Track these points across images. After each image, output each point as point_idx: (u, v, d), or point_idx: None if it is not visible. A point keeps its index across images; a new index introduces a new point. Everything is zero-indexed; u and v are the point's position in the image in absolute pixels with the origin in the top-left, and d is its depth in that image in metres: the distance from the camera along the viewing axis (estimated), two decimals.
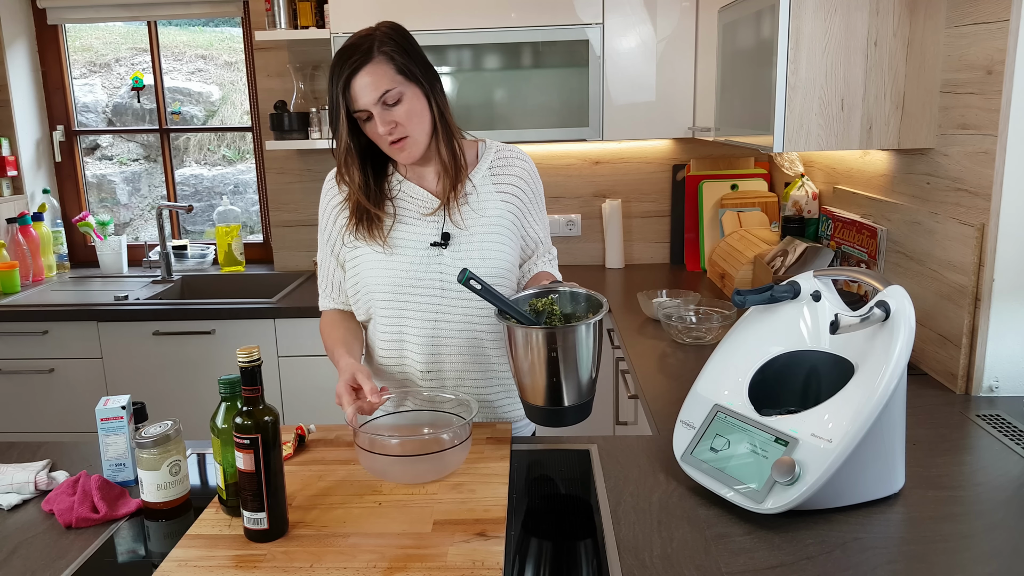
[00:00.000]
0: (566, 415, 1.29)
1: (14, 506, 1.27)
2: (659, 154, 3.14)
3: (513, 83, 2.74)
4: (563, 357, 1.24)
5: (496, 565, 1.02)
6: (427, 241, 1.47)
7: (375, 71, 1.36)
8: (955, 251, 1.65)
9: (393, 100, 1.37)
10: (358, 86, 1.36)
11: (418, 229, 1.48)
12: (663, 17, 2.68)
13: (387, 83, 1.37)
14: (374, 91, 1.36)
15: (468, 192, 1.50)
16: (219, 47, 3.99)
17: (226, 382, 1.15)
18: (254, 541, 1.10)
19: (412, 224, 1.49)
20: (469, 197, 1.50)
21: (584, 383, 1.29)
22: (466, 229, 1.48)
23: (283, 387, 2.77)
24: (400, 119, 1.38)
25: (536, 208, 1.58)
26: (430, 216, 1.48)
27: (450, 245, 1.47)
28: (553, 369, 1.25)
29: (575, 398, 1.28)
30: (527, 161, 1.57)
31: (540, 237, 1.61)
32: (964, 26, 1.64)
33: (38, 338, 2.75)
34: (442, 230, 1.48)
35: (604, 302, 1.31)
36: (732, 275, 2.53)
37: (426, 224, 1.48)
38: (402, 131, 1.39)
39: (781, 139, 1.77)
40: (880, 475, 1.18)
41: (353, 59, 1.36)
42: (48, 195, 3.32)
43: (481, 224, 1.49)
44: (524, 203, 1.55)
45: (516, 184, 1.53)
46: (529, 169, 1.56)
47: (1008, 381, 1.62)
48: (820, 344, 1.25)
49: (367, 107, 1.37)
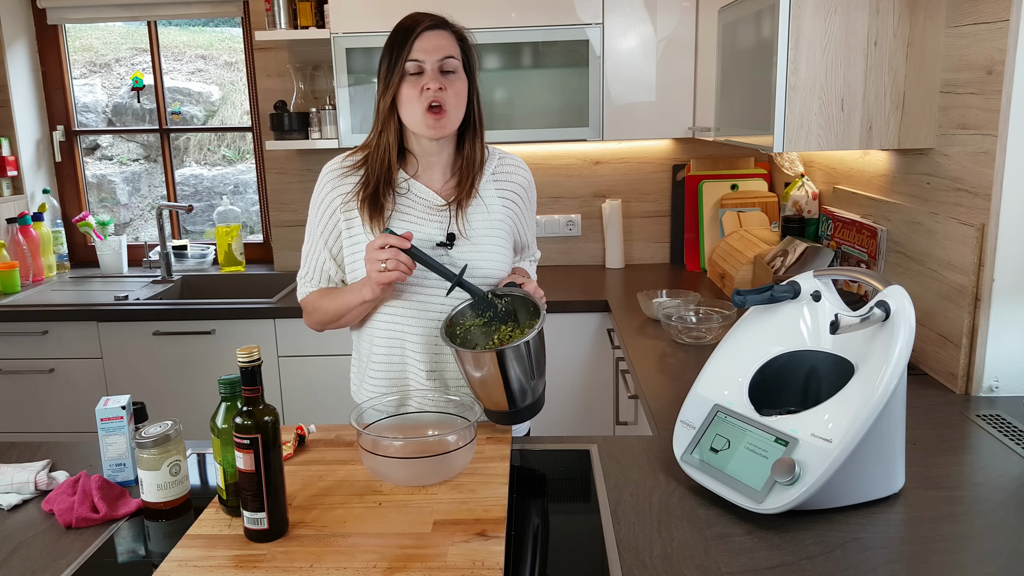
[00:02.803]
0: (520, 415, 1.41)
1: (14, 506, 1.27)
2: (659, 154, 3.14)
3: (513, 83, 2.74)
4: (506, 372, 1.34)
5: (496, 565, 1.02)
6: (433, 241, 1.49)
7: (446, 36, 1.45)
8: (955, 251, 1.65)
9: (451, 67, 1.43)
10: (428, 38, 1.42)
11: (423, 229, 1.49)
12: (663, 17, 2.68)
13: (453, 50, 1.44)
14: (441, 51, 1.42)
15: (472, 196, 1.52)
16: (219, 47, 3.99)
17: (226, 382, 1.15)
18: (254, 541, 1.10)
19: (417, 224, 1.49)
20: (473, 200, 1.52)
21: (531, 387, 1.39)
22: (472, 230, 1.50)
23: (283, 387, 2.77)
24: (450, 86, 1.43)
25: (530, 214, 1.65)
26: (436, 215, 1.50)
27: (455, 246, 1.49)
28: (504, 381, 1.35)
29: (526, 400, 1.39)
30: (526, 170, 1.64)
31: (528, 241, 1.70)
32: (964, 26, 1.64)
33: (38, 338, 2.75)
34: (448, 230, 1.49)
35: (542, 312, 1.41)
36: (732, 275, 2.53)
37: (431, 224, 1.49)
38: (446, 101, 1.43)
39: (781, 139, 1.77)
40: (880, 475, 1.18)
41: (431, 18, 1.45)
42: (48, 195, 3.32)
43: (484, 226, 1.52)
44: (521, 209, 1.61)
45: (516, 192, 1.59)
46: (528, 178, 1.63)
47: (1008, 381, 1.62)
48: (820, 344, 1.25)
49: (427, 57, 1.41)
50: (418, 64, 1.42)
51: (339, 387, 2.43)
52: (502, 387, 1.35)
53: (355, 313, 1.50)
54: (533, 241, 1.72)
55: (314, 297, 1.57)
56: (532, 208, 1.65)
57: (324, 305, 1.54)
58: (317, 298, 1.56)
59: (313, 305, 1.57)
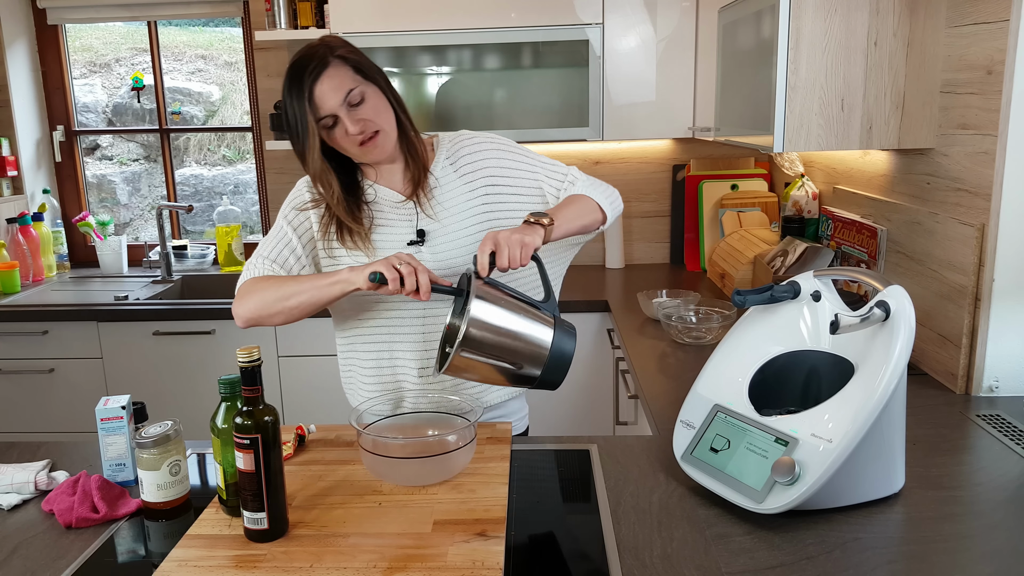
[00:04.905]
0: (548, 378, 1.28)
1: (14, 506, 1.27)
2: (659, 154, 3.14)
3: (513, 83, 2.74)
4: (487, 359, 1.24)
5: (496, 565, 1.02)
6: (404, 240, 1.48)
7: (335, 74, 1.36)
8: (955, 251, 1.65)
9: (357, 99, 1.37)
10: (321, 92, 1.36)
11: (395, 230, 1.48)
12: (663, 17, 2.68)
13: (349, 83, 1.37)
14: (339, 93, 1.36)
15: (432, 186, 1.49)
16: (219, 47, 3.99)
17: (226, 382, 1.15)
18: (254, 541, 1.10)
19: (388, 226, 1.49)
20: (435, 191, 1.49)
21: (531, 338, 1.26)
22: (439, 223, 1.48)
23: (283, 387, 2.77)
24: (368, 115, 1.39)
25: (520, 173, 1.53)
26: (402, 213, 1.48)
27: (427, 241, 1.48)
28: (496, 365, 1.25)
29: (544, 342, 1.27)
30: (485, 141, 1.54)
31: (547, 190, 1.55)
32: (964, 26, 1.64)
33: (38, 338, 2.75)
34: (416, 227, 1.48)
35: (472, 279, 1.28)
36: (732, 275, 2.53)
37: (401, 224, 1.48)
38: (373, 126, 1.39)
39: (781, 139, 1.77)
40: (880, 475, 1.18)
41: (311, 68, 1.36)
42: (48, 195, 3.32)
43: (453, 216, 1.49)
44: (499, 186, 1.51)
45: (481, 172, 1.51)
46: (487, 148, 1.53)
47: (1008, 381, 1.62)
48: (820, 344, 1.25)
49: (333, 110, 1.36)
50: (329, 119, 1.38)
51: (339, 387, 2.42)
52: (506, 369, 1.26)
53: (311, 299, 1.36)
54: (552, 176, 1.55)
55: (260, 280, 1.42)
56: (519, 172, 1.53)
57: (274, 287, 1.39)
58: (264, 281, 1.41)
59: (257, 287, 1.41)
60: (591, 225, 1.48)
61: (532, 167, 1.55)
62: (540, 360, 1.26)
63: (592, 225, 1.48)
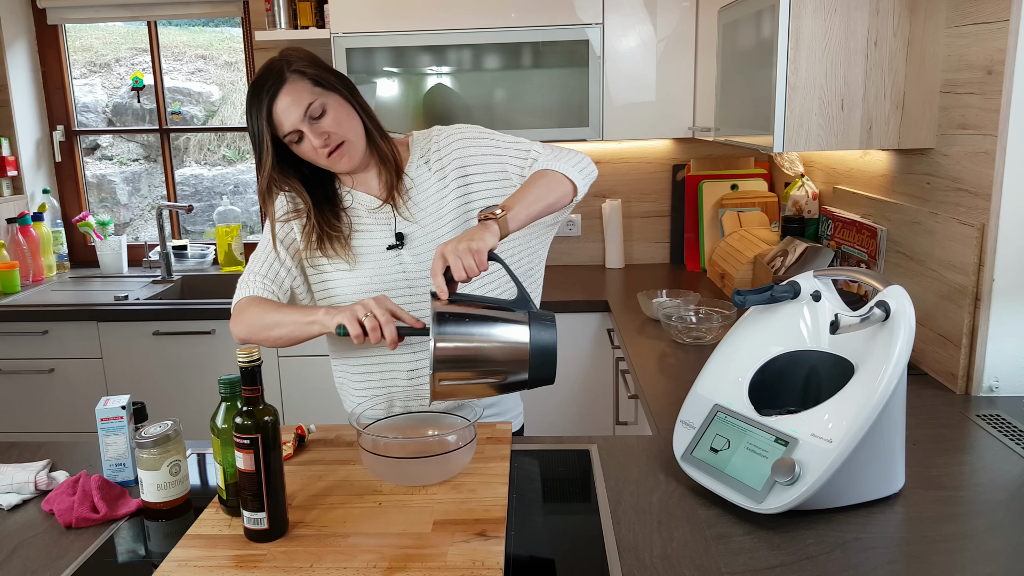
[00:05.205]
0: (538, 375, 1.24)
1: (14, 506, 1.27)
2: (659, 154, 3.14)
3: (513, 83, 2.74)
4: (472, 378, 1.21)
5: (496, 565, 1.02)
6: (384, 245, 1.47)
7: (292, 90, 1.35)
8: (955, 251, 1.65)
9: (318, 112, 1.36)
10: (280, 109, 1.35)
11: (374, 235, 1.48)
12: (663, 17, 2.68)
13: (308, 97, 1.36)
14: (298, 108, 1.35)
15: (408, 187, 1.49)
16: (219, 47, 3.99)
17: (226, 382, 1.15)
18: (254, 541, 1.10)
19: (368, 231, 1.48)
20: (411, 191, 1.48)
21: (512, 356, 1.22)
22: (417, 224, 1.47)
23: (283, 387, 2.77)
24: (330, 128, 1.37)
25: (488, 167, 1.49)
26: (380, 218, 1.48)
27: (407, 244, 1.47)
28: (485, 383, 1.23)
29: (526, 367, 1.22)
30: (453, 134, 1.51)
31: (513, 171, 1.50)
32: (964, 26, 1.64)
33: (38, 338, 2.75)
34: (395, 230, 1.48)
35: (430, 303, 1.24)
36: (732, 275, 2.53)
37: (380, 229, 1.48)
38: (336, 138, 1.38)
39: (781, 139, 1.77)
40: (880, 475, 1.18)
41: (268, 86, 1.35)
42: (48, 195, 3.32)
43: (430, 216, 1.48)
44: (470, 175, 1.48)
45: (451, 165, 1.48)
46: (455, 138, 1.50)
47: (1008, 381, 1.62)
48: (820, 344, 1.25)
49: (295, 127, 1.36)
50: (294, 134, 1.37)
51: None
52: (493, 383, 1.23)
53: (292, 333, 1.38)
54: (516, 156, 1.50)
55: (252, 303, 1.44)
56: (483, 150, 1.49)
57: (261, 313, 1.41)
58: (255, 305, 1.43)
59: (248, 309, 1.43)
60: (560, 200, 1.40)
61: (497, 150, 1.50)
62: (524, 363, 1.22)
63: (562, 200, 1.40)
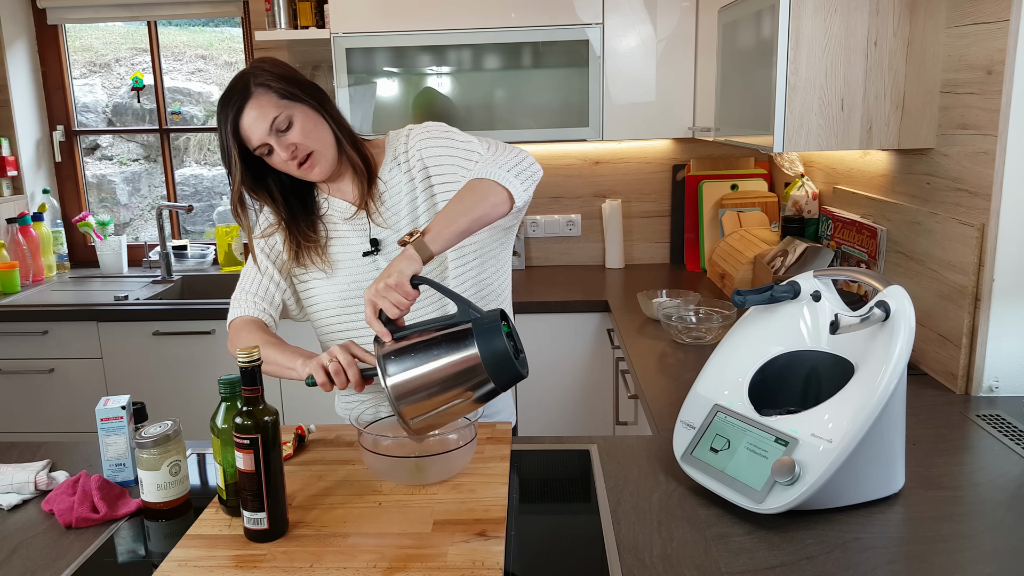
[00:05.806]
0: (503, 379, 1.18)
1: (14, 506, 1.27)
2: (659, 154, 3.14)
3: (513, 83, 2.74)
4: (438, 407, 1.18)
5: (496, 565, 1.02)
6: (359, 252, 1.47)
7: (258, 104, 1.34)
8: (955, 251, 1.65)
9: (284, 125, 1.36)
10: (246, 124, 1.35)
11: (350, 241, 1.48)
12: (663, 17, 2.68)
13: (272, 111, 1.34)
14: (263, 122, 1.34)
15: (382, 191, 1.48)
16: (219, 47, 3.99)
17: (226, 382, 1.15)
18: (254, 541, 1.10)
19: (343, 238, 1.48)
20: (384, 195, 1.48)
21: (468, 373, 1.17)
22: (391, 229, 1.47)
23: (283, 387, 2.77)
24: (297, 139, 1.36)
25: (447, 170, 1.46)
26: (356, 226, 1.48)
27: (382, 250, 1.47)
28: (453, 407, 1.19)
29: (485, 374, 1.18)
30: (420, 133, 1.48)
31: (464, 172, 1.45)
32: (964, 26, 1.64)
33: (38, 338, 2.75)
34: (370, 236, 1.47)
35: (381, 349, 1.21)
36: (732, 275, 2.53)
37: (355, 236, 1.48)
38: (304, 149, 1.37)
39: (781, 139, 1.77)
40: (880, 475, 1.18)
41: (234, 100, 1.35)
42: (48, 195, 3.32)
43: (403, 220, 1.47)
44: (433, 176, 1.46)
45: (418, 165, 1.46)
46: (421, 138, 1.47)
47: (1008, 381, 1.62)
48: (820, 344, 1.25)
49: (262, 140, 1.35)
50: (264, 147, 1.36)
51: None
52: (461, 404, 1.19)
53: (274, 372, 1.37)
54: (466, 160, 1.45)
55: (244, 325, 1.44)
56: (441, 152, 1.45)
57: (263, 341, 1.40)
58: (246, 329, 1.43)
59: (241, 332, 1.43)
60: (492, 211, 1.31)
61: (452, 151, 1.46)
62: (482, 371, 1.17)
63: (494, 210, 1.31)
